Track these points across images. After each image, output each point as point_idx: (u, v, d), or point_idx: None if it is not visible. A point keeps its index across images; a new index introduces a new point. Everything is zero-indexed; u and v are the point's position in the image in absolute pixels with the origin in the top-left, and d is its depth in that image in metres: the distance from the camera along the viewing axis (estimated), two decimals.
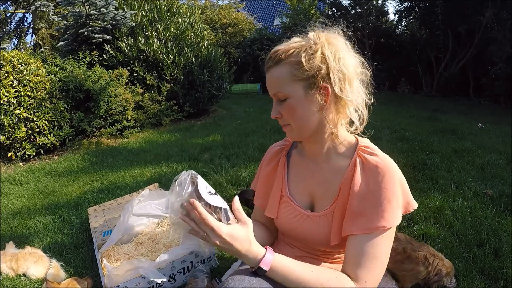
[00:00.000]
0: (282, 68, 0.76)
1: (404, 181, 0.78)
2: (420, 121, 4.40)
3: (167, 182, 2.66)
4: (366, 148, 0.81)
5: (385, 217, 0.73)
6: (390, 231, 0.74)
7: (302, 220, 0.86)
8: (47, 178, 3.19)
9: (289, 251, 0.96)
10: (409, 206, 0.78)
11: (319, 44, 0.74)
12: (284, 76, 0.76)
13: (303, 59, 0.73)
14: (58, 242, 1.94)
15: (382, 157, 0.78)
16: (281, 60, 0.76)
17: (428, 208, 1.98)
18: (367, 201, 0.75)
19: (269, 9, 18.51)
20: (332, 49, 0.74)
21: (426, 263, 1.25)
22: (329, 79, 0.73)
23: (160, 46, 5.02)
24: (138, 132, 4.71)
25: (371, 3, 8.58)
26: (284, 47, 0.77)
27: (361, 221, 0.74)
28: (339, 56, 0.74)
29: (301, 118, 0.78)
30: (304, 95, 0.76)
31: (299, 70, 0.74)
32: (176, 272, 1.46)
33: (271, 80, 0.79)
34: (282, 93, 0.77)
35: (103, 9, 4.79)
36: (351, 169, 0.80)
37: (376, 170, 0.76)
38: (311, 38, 0.77)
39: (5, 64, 3.59)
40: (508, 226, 1.76)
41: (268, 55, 0.81)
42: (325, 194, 0.84)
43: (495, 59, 6.14)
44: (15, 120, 3.57)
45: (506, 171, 2.54)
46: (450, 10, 6.91)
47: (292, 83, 0.75)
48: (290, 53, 0.75)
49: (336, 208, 0.81)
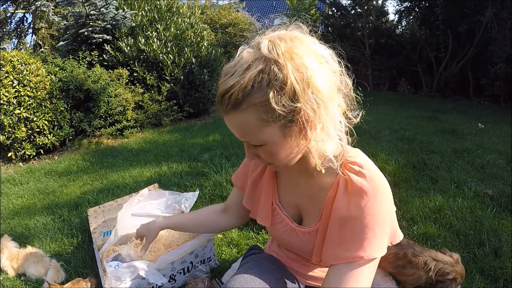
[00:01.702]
0: (244, 114, 0.58)
1: (392, 208, 0.69)
2: (420, 121, 4.40)
3: (167, 182, 2.66)
4: (353, 165, 0.68)
5: (364, 247, 0.64)
6: (373, 263, 0.67)
7: (288, 232, 0.83)
8: (47, 178, 3.19)
9: (284, 254, 0.96)
10: (395, 236, 0.71)
11: (283, 66, 0.55)
12: (252, 123, 0.59)
13: (272, 100, 0.55)
14: (58, 242, 1.94)
15: (370, 177, 0.66)
16: (239, 103, 0.57)
17: (428, 208, 1.98)
18: (349, 227, 0.66)
19: (269, 9, 18.52)
20: (298, 68, 0.56)
21: (426, 268, 1.23)
22: (306, 108, 0.57)
23: (160, 46, 5.02)
24: (138, 132, 4.71)
25: (371, 3, 8.57)
26: (238, 82, 0.57)
27: (342, 250, 0.67)
28: (308, 77, 0.56)
29: (286, 158, 0.65)
30: (283, 136, 0.61)
31: (269, 113, 0.57)
32: (176, 273, 1.46)
33: (234, 127, 0.63)
34: (255, 141, 0.63)
35: (103, 9, 4.79)
36: (334, 188, 0.70)
37: (360, 194, 0.65)
38: (267, 55, 0.56)
39: (5, 64, 3.59)
40: (508, 226, 1.76)
41: (218, 92, 0.60)
42: (311, 209, 0.78)
43: (495, 59, 6.14)
44: (15, 120, 3.56)
45: (506, 171, 2.53)
46: (450, 10, 6.91)
47: (264, 129, 0.59)
48: (250, 90, 0.56)
49: (319, 229, 0.75)
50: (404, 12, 8.67)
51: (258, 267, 0.84)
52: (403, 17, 8.93)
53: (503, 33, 6.02)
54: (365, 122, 0.71)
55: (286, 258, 0.96)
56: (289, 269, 0.96)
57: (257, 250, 1.04)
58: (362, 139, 0.86)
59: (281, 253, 0.97)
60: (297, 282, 0.94)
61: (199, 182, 2.60)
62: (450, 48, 7.22)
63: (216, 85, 0.61)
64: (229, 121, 0.62)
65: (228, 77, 0.59)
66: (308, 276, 0.93)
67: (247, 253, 1.04)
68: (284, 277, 0.90)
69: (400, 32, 9.11)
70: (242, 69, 0.57)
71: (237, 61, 0.60)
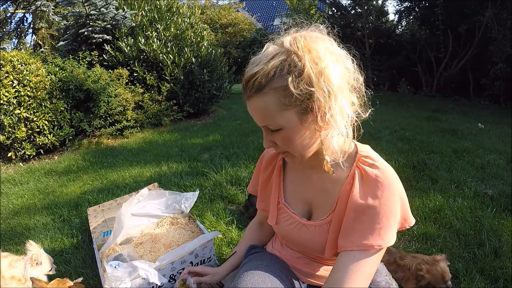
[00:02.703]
0: (266, 97, 0.65)
1: (404, 196, 0.74)
2: (420, 121, 4.40)
3: (167, 182, 2.67)
4: (366, 158, 0.74)
5: (381, 236, 0.69)
6: (383, 250, 0.71)
7: (298, 228, 0.84)
8: (47, 178, 3.19)
9: (288, 253, 0.96)
10: (406, 222, 0.75)
11: (301, 57, 0.63)
12: (272, 107, 0.65)
13: (291, 84, 0.63)
14: (58, 242, 1.94)
15: (383, 169, 0.72)
16: (262, 87, 0.65)
17: (428, 208, 1.98)
18: (365, 216, 0.70)
19: (269, 9, 18.52)
20: (315, 60, 0.64)
21: (408, 268, 1.30)
22: (319, 98, 0.64)
23: (160, 46, 5.02)
24: (138, 132, 4.71)
25: (371, 3, 8.57)
26: (262, 68, 0.65)
27: (357, 237, 0.71)
28: (322, 68, 0.63)
29: (302, 146, 0.70)
30: (300, 122, 0.67)
31: (288, 97, 0.64)
32: (176, 273, 1.46)
33: (255, 111, 0.69)
34: (274, 125, 0.68)
35: (103, 9, 4.79)
36: (349, 181, 0.75)
37: (376, 184, 0.70)
38: (289, 48, 0.65)
39: (5, 64, 3.59)
40: (508, 226, 1.76)
41: (244, 78, 0.68)
42: (322, 204, 0.81)
43: (495, 59, 6.14)
44: (15, 120, 3.56)
45: (506, 171, 2.54)
46: (450, 10, 6.91)
47: (283, 112, 0.66)
48: (272, 76, 0.64)
49: (333, 220, 0.78)
50: (404, 12, 8.67)
51: (265, 267, 0.85)
52: (403, 17, 8.93)
53: (503, 33, 6.02)
54: (365, 122, 0.74)
55: (289, 257, 0.96)
56: (291, 268, 0.96)
57: (258, 249, 1.04)
58: (362, 139, 0.86)
59: (284, 252, 0.98)
60: (299, 281, 0.94)
61: (199, 182, 2.60)
62: (450, 48, 7.22)
63: (215, 85, 0.65)
64: (252, 105, 0.69)
65: (254, 66, 0.67)
66: (311, 275, 0.93)
67: (248, 252, 1.03)
68: (289, 277, 0.90)
69: (400, 32, 9.11)
70: (266, 59, 0.66)
71: (263, 53, 0.68)
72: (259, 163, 0.98)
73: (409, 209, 0.75)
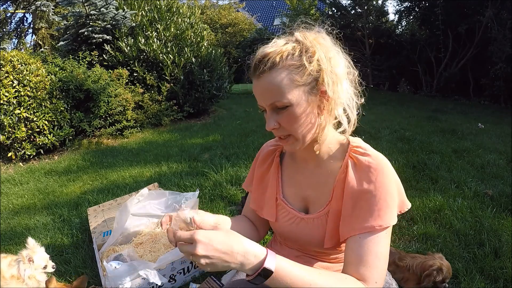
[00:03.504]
0: (279, 73, 0.69)
1: (398, 180, 0.76)
2: (420, 121, 4.40)
3: (167, 182, 2.67)
4: (357, 148, 0.78)
5: (381, 216, 0.71)
6: (388, 230, 0.73)
7: (296, 223, 0.85)
8: (47, 178, 3.19)
9: (285, 251, 0.96)
10: (404, 205, 0.77)
11: (312, 44, 0.70)
12: (284, 82, 0.68)
13: (306, 62, 0.68)
14: (58, 242, 1.94)
15: (374, 156, 0.75)
16: (276, 64, 0.69)
17: (428, 208, 1.98)
18: (363, 201, 0.73)
19: (269, 9, 18.52)
20: (323, 50, 0.70)
21: (408, 268, 1.31)
22: (324, 81, 0.70)
23: (160, 46, 5.02)
24: (138, 132, 4.71)
25: (371, 3, 8.58)
26: (276, 49, 0.70)
27: (358, 222, 0.73)
28: (330, 57, 0.71)
29: (306, 126, 0.73)
30: (306, 101, 0.71)
31: (300, 75, 0.69)
32: (176, 273, 1.46)
33: (265, 87, 0.71)
34: (282, 102, 0.70)
35: (103, 9, 4.79)
36: (343, 170, 0.78)
37: (369, 170, 0.73)
38: (299, 39, 0.71)
39: (5, 64, 3.59)
40: (508, 226, 1.76)
41: (255, 58, 0.71)
42: (318, 197, 0.82)
43: (495, 59, 6.14)
44: (15, 120, 3.56)
45: (506, 171, 2.54)
46: (450, 10, 6.91)
47: (293, 89, 0.69)
48: (286, 56, 0.69)
49: (330, 210, 0.79)
50: (404, 12, 8.67)
51: None
52: (403, 17, 8.93)
53: (503, 33, 6.02)
54: (365, 122, 0.74)
55: (288, 256, 0.96)
56: None
57: None
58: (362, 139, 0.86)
59: (283, 252, 0.97)
60: None
61: (199, 182, 2.60)
62: (450, 48, 7.22)
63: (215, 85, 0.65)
64: (263, 82, 0.71)
65: (267, 47, 0.71)
66: None
67: None
68: None
69: (400, 32, 9.12)
70: (280, 44, 0.71)
71: (274, 41, 0.73)
72: (255, 161, 0.99)
73: (404, 192, 0.78)
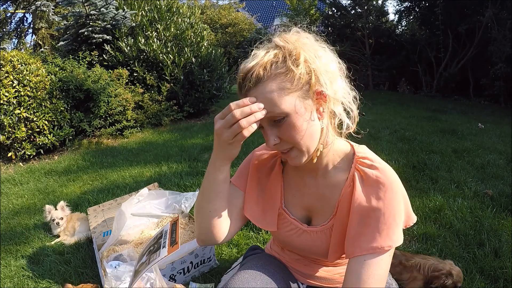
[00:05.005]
0: (267, 85, 0.64)
1: (405, 193, 0.73)
2: (420, 121, 4.40)
3: (167, 182, 2.67)
4: (364, 159, 0.74)
5: (389, 236, 0.68)
6: (392, 250, 0.71)
7: (298, 234, 0.83)
8: (47, 178, 3.19)
9: (287, 255, 0.96)
10: (409, 219, 0.74)
11: (295, 46, 0.65)
12: (273, 93, 0.64)
13: (292, 66, 0.64)
14: (58, 242, 1.94)
15: (382, 169, 0.71)
16: (261, 78, 0.64)
17: (428, 208, 1.98)
18: (370, 218, 0.69)
19: (269, 9, 18.52)
20: (309, 49, 0.66)
21: (418, 268, 1.31)
22: (319, 82, 0.65)
23: (160, 46, 5.02)
24: (138, 132, 4.71)
25: (371, 3, 8.57)
26: (257, 61, 0.65)
27: (364, 241, 0.69)
28: (319, 55, 0.67)
29: (308, 134, 0.67)
30: (303, 107, 0.66)
31: (289, 81, 0.64)
32: (176, 273, 1.46)
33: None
34: (277, 113, 0.65)
35: (103, 9, 4.78)
36: (349, 184, 0.74)
37: (377, 185, 0.70)
38: (281, 44, 0.66)
39: (5, 64, 3.59)
40: (508, 226, 1.76)
41: (238, 76, 0.68)
42: (322, 209, 0.79)
43: (495, 59, 6.13)
44: (15, 120, 3.56)
45: (506, 171, 2.53)
46: (450, 10, 6.90)
47: (285, 97, 0.64)
48: (270, 66, 0.64)
49: (335, 225, 0.76)
50: (404, 12, 8.66)
51: (259, 267, 0.84)
52: (403, 17, 8.93)
53: (503, 33, 6.02)
54: (365, 122, 0.72)
55: (288, 259, 0.96)
56: (290, 269, 0.95)
57: (259, 250, 1.04)
58: (362, 139, 0.85)
59: (283, 254, 0.97)
60: (297, 282, 0.94)
61: (199, 182, 2.60)
62: (450, 48, 7.22)
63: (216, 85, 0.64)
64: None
65: (248, 62, 0.67)
66: (310, 276, 0.93)
67: (248, 253, 1.03)
68: (285, 277, 0.89)
69: (400, 32, 9.10)
70: (260, 55, 0.66)
71: (254, 53, 0.68)
72: (247, 160, 0.93)
73: (410, 206, 0.75)
